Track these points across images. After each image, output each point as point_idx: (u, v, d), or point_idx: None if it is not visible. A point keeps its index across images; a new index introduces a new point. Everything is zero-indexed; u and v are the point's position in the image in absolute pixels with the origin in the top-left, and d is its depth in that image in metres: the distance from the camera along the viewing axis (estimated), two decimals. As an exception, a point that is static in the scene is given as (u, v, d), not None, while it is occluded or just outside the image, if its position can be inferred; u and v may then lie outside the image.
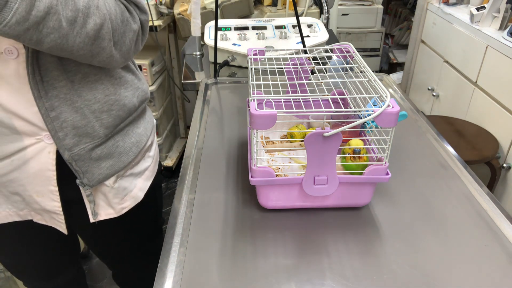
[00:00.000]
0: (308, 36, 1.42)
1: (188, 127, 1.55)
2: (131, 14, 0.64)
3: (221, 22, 1.53)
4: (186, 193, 0.76)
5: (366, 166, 0.67)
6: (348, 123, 0.60)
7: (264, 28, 1.48)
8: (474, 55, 1.77)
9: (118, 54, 0.64)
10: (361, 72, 0.75)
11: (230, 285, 0.58)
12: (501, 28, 1.67)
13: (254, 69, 0.77)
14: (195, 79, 1.41)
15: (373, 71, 0.73)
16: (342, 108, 0.76)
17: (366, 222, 0.70)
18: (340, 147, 0.63)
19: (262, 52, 0.84)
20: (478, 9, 1.75)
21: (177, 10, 1.81)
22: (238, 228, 0.68)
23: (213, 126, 1.00)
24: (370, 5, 2.85)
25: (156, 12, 1.83)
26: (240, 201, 0.74)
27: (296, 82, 0.74)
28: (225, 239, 0.66)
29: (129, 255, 0.96)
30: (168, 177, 2.25)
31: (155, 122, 0.88)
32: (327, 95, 0.69)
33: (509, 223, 0.69)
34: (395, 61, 3.13)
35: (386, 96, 0.63)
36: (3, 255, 0.90)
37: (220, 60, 1.40)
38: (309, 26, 1.48)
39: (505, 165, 1.57)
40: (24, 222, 0.78)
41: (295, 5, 1.29)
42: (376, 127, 0.71)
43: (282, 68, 0.81)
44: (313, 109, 0.63)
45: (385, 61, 3.24)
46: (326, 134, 0.60)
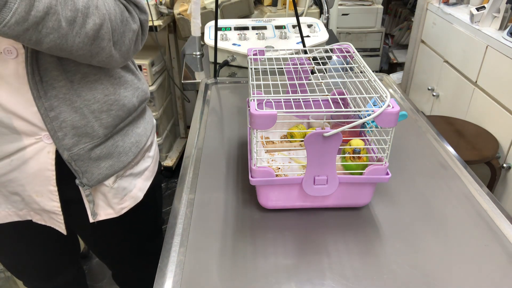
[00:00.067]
0: (308, 36, 1.42)
1: (188, 127, 1.55)
2: (131, 14, 0.64)
3: (221, 22, 1.53)
4: (186, 193, 0.76)
5: (366, 166, 0.67)
6: (348, 123, 0.60)
7: (264, 28, 1.48)
8: (474, 55, 1.77)
9: (118, 54, 0.64)
10: (361, 72, 0.75)
11: (230, 285, 0.58)
12: (501, 28, 1.67)
13: (254, 69, 0.77)
14: (195, 79, 1.41)
15: (373, 71, 0.73)
16: (342, 108, 0.76)
17: (366, 222, 0.70)
18: (340, 147, 0.63)
19: (262, 52, 0.84)
20: (478, 9, 1.75)
21: (177, 10, 1.81)
22: (238, 228, 0.68)
23: (213, 126, 1.00)
24: (370, 5, 2.85)
25: (156, 12, 1.83)
26: (240, 201, 0.74)
27: (296, 82, 0.74)
28: (225, 239, 0.66)
29: (129, 255, 0.96)
30: (168, 177, 2.25)
31: (155, 122, 0.88)
32: (327, 95, 0.69)
33: (509, 223, 0.69)
34: (395, 61, 3.13)
35: (386, 96, 0.63)
36: (3, 255, 0.90)
37: (220, 60, 1.40)
38: (309, 26, 1.48)
39: (505, 165, 1.57)
40: (24, 222, 0.78)
41: (295, 5, 1.29)
42: (376, 127, 0.71)
43: (282, 68, 0.81)
44: (313, 109, 0.63)
45: (385, 61, 3.24)
46: (326, 134, 0.60)
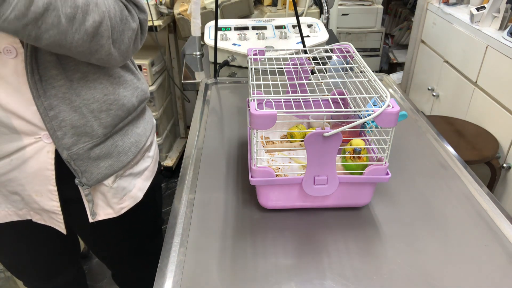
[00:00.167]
0: (308, 36, 1.42)
1: (188, 127, 1.55)
2: (130, 13, 0.64)
3: (221, 22, 1.53)
4: (186, 193, 0.76)
5: (366, 166, 0.67)
6: (348, 123, 0.60)
7: (264, 28, 1.48)
8: (474, 55, 1.77)
9: (117, 53, 0.64)
10: (361, 72, 0.75)
11: (230, 285, 0.58)
12: (501, 28, 1.67)
13: (254, 69, 0.77)
14: (195, 79, 1.41)
15: (373, 71, 0.73)
16: (342, 108, 0.76)
17: (366, 222, 0.70)
18: (340, 147, 0.63)
19: (262, 52, 0.84)
20: (478, 9, 1.75)
21: (177, 10, 1.81)
22: (238, 228, 0.68)
23: (213, 126, 1.00)
24: (370, 5, 2.85)
25: (156, 12, 1.83)
26: (240, 201, 0.74)
27: (296, 82, 0.74)
28: (225, 239, 0.66)
29: (129, 255, 0.96)
30: (168, 177, 2.25)
31: (155, 122, 0.88)
32: (327, 95, 0.69)
33: (509, 223, 0.69)
34: (395, 61, 3.13)
35: (386, 96, 0.63)
36: (3, 255, 0.90)
37: (220, 60, 1.40)
38: (309, 26, 1.48)
39: (505, 165, 1.57)
40: (24, 222, 0.78)
41: (295, 5, 1.29)
42: (376, 127, 0.71)
43: (282, 68, 0.81)
44: (313, 109, 0.63)
45: (385, 61, 3.24)
46: (326, 134, 0.60)
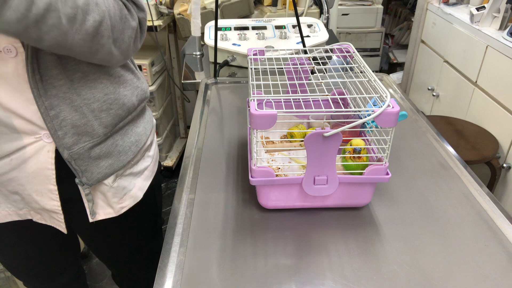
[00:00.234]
0: (308, 36, 1.42)
1: (188, 127, 1.55)
2: (130, 12, 0.64)
3: (221, 22, 1.53)
4: (186, 193, 0.76)
5: (366, 166, 0.67)
6: (348, 123, 0.60)
7: (264, 28, 1.48)
8: (474, 55, 1.77)
9: (118, 52, 0.64)
10: (361, 72, 0.75)
11: (230, 285, 0.58)
12: (501, 28, 1.67)
13: (254, 69, 0.77)
14: (195, 79, 1.41)
15: (373, 71, 0.73)
16: (342, 108, 0.76)
17: (366, 222, 0.70)
18: (340, 147, 0.63)
19: (262, 52, 0.84)
20: (478, 9, 1.75)
21: (177, 10, 1.81)
22: (238, 228, 0.68)
23: (213, 126, 1.00)
24: (370, 5, 2.85)
25: (156, 12, 1.83)
26: (240, 201, 0.74)
27: (296, 82, 0.74)
28: (225, 239, 0.66)
29: (129, 255, 0.96)
30: (168, 177, 2.25)
31: (155, 122, 0.88)
32: (327, 95, 0.69)
33: (509, 223, 0.69)
34: (395, 61, 3.13)
35: (386, 96, 0.63)
36: (3, 255, 0.90)
37: (220, 60, 1.40)
38: (309, 26, 1.48)
39: (505, 165, 1.57)
40: (24, 222, 0.78)
41: (295, 5, 1.29)
42: (376, 127, 0.71)
43: (282, 68, 0.81)
44: (313, 109, 0.63)
45: (385, 61, 3.24)
46: (326, 134, 0.60)
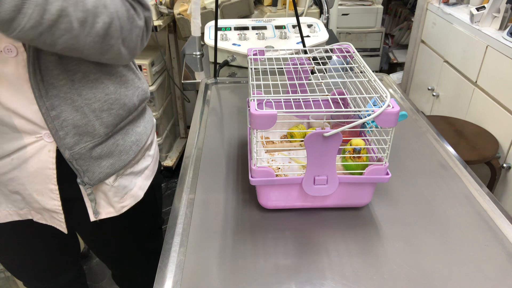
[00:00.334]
0: (308, 36, 1.42)
1: (188, 127, 1.55)
2: (136, 11, 0.65)
3: (221, 22, 1.53)
4: (186, 193, 0.76)
5: (366, 166, 0.67)
6: (348, 123, 0.60)
7: (264, 28, 1.48)
8: (474, 55, 1.77)
9: (126, 51, 0.65)
10: (361, 72, 0.75)
11: (230, 285, 0.58)
12: (501, 28, 1.67)
13: (254, 69, 0.77)
14: (195, 79, 1.41)
15: (373, 71, 0.73)
16: (342, 108, 0.76)
17: (366, 222, 0.70)
18: (340, 147, 0.63)
19: (262, 52, 0.84)
20: (478, 9, 1.75)
21: (177, 10, 1.81)
22: (238, 228, 0.68)
23: (213, 126, 1.00)
24: (370, 5, 2.85)
25: (156, 12, 1.83)
26: (240, 201, 0.74)
27: (296, 82, 0.74)
28: (225, 239, 0.66)
29: (129, 255, 0.96)
30: (168, 177, 2.25)
31: (155, 122, 0.88)
32: (327, 95, 0.69)
33: (509, 223, 0.69)
34: (395, 61, 3.13)
35: (386, 96, 0.63)
36: (3, 255, 0.90)
37: (220, 60, 1.40)
38: (309, 26, 1.48)
39: (505, 165, 1.57)
40: (24, 222, 0.78)
41: (295, 5, 1.29)
42: (376, 127, 0.71)
43: (282, 68, 0.81)
44: (313, 109, 0.63)
45: (385, 61, 3.24)
46: (326, 134, 0.60)
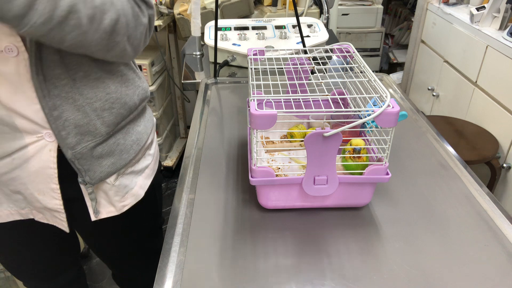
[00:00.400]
0: (308, 36, 1.42)
1: (188, 127, 1.55)
2: (140, 9, 0.66)
3: (221, 22, 1.53)
4: (186, 193, 0.76)
5: (366, 166, 0.67)
6: (348, 123, 0.60)
7: (264, 28, 1.48)
8: (474, 55, 1.77)
9: (130, 48, 0.66)
10: (361, 72, 0.75)
11: (230, 285, 0.58)
12: (501, 28, 1.67)
13: (254, 69, 0.77)
14: (195, 79, 1.41)
15: (373, 71, 0.73)
16: (342, 108, 0.76)
17: (366, 222, 0.70)
18: (340, 147, 0.63)
19: (262, 52, 0.84)
20: (478, 9, 1.75)
21: (177, 10, 1.81)
22: (238, 228, 0.68)
23: (213, 126, 1.00)
24: (370, 5, 2.85)
25: (156, 12, 1.83)
26: (240, 201, 0.74)
27: (296, 82, 0.74)
28: (225, 239, 0.66)
29: (129, 254, 0.96)
30: (168, 177, 2.25)
31: (155, 121, 0.88)
32: (327, 95, 0.69)
33: (509, 223, 0.69)
34: (395, 61, 3.13)
35: (386, 96, 0.63)
36: (3, 255, 0.90)
37: (220, 60, 1.40)
38: (309, 26, 1.48)
39: (505, 165, 1.57)
40: (24, 222, 0.78)
41: (295, 5, 1.29)
42: (376, 127, 0.71)
43: (282, 68, 0.81)
44: (313, 109, 0.63)
45: (385, 61, 3.24)
46: (326, 134, 0.60)
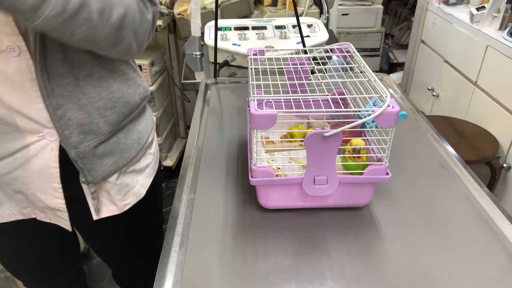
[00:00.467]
0: (308, 36, 1.42)
1: (188, 127, 1.55)
2: (145, 5, 0.66)
3: (221, 22, 1.53)
4: (186, 193, 0.76)
5: (366, 166, 0.67)
6: (348, 123, 0.60)
7: (264, 28, 1.48)
8: (474, 55, 1.77)
9: (135, 44, 0.66)
10: (361, 72, 0.75)
11: (230, 285, 0.58)
12: (501, 28, 1.67)
13: (254, 69, 0.77)
14: (195, 79, 1.41)
15: (373, 71, 0.73)
16: (342, 108, 0.76)
17: (366, 222, 0.70)
18: (340, 147, 0.63)
19: (262, 52, 0.84)
20: (478, 9, 1.75)
21: (177, 10, 1.81)
22: (238, 228, 0.68)
23: (213, 126, 1.00)
24: (370, 5, 2.85)
25: (156, 12, 1.83)
26: (240, 201, 0.74)
27: (296, 82, 0.74)
28: (225, 239, 0.66)
29: (129, 253, 0.96)
30: (168, 177, 2.25)
31: (155, 120, 0.88)
32: (327, 95, 0.69)
33: (509, 223, 0.69)
34: (395, 61, 3.13)
35: (386, 96, 0.63)
36: (3, 255, 0.90)
37: (220, 60, 1.40)
38: (309, 26, 1.48)
39: (505, 165, 1.57)
40: (25, 222, 0.78)
41: (295, 5, 1.29)
42: (376, 127, 0.71)
43: (282, 68, 0.81)
44: (313, 109, 0.63)
45: (385, 61, 3.24)
46: (326, 134, 0.60)
